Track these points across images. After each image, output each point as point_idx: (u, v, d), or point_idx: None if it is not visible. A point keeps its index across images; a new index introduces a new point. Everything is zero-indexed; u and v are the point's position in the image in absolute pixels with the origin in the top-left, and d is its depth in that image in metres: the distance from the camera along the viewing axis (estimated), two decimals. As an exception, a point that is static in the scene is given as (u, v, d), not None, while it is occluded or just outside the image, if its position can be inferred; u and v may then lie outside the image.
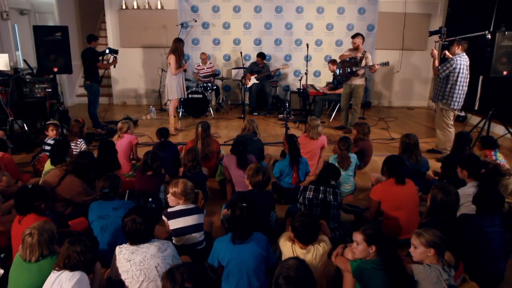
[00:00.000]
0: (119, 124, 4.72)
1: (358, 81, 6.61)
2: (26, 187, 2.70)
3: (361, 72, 6.51)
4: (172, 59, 6.22)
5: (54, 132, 4.73)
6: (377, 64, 6.40)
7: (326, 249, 2.46)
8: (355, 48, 6.51)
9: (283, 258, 2.45)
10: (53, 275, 2.11)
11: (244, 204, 2.47)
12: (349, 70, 6.57)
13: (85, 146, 4.62)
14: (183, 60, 6.48)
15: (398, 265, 2.23)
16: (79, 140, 4.61)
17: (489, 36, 5.30)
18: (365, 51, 6.44)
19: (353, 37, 6.49)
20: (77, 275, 2.08)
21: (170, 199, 2.92)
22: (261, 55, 8.12)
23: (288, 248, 2.48)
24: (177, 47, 6.22)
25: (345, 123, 7.02)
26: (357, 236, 2.29)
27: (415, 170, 3.91)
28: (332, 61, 7.64)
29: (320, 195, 3.14)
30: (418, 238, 2.25)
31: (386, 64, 6.39)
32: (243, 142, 4.05)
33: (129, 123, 4.74)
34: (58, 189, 3.28)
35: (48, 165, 3.74)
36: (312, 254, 2.41)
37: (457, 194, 2.77)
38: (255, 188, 3.17)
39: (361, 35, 6.52)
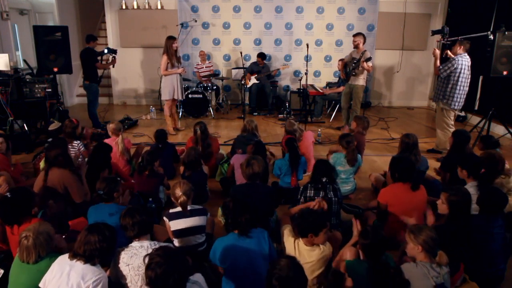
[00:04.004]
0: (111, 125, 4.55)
1: (358, 82, 6.61)
2: (6, 197, 2.50)
3: (359, 72, 6.50)
4: (162, 59, 6.21)
5: None
6: (364, 62, 6.32)
7: (327, 252, 2.44)
8: (355, 47, 6.52)
9: (286, 253, 2.45)
10: (66, 264, 2.09)
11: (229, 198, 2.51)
12: (348, 70, 6.62)
13: (83, 148, 4.41)
14: (177, 62, 6.33)
15: (386, 277, 2.21)
16: (75, 142, 4.35)
17: (491, 37, 5.30)
18: (364, 51, 6.43)
19: (355, 35, 6.52)
20: (97, 272, 2.08)
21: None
22: (261, 55, 8.11)
23: (290, 243, 2.47)
24: (166, 46, 6.17)
25: (345, 123, 7.01)
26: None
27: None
28: (342, 60, 7.61)
29: (321, 192, 3.12)
30: (409, 235, 2.32)
31: (369, 59, 6.35)
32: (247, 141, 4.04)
33: (119, 125, 4.56)
34: (48, 185, 3.20)
35: (43, 164, 3.70)
36: (317, 253, 2.40)
37: (469, 193, 2.74)
38: (249, 180, 3.15)
39: (363, 34, 6.52)
